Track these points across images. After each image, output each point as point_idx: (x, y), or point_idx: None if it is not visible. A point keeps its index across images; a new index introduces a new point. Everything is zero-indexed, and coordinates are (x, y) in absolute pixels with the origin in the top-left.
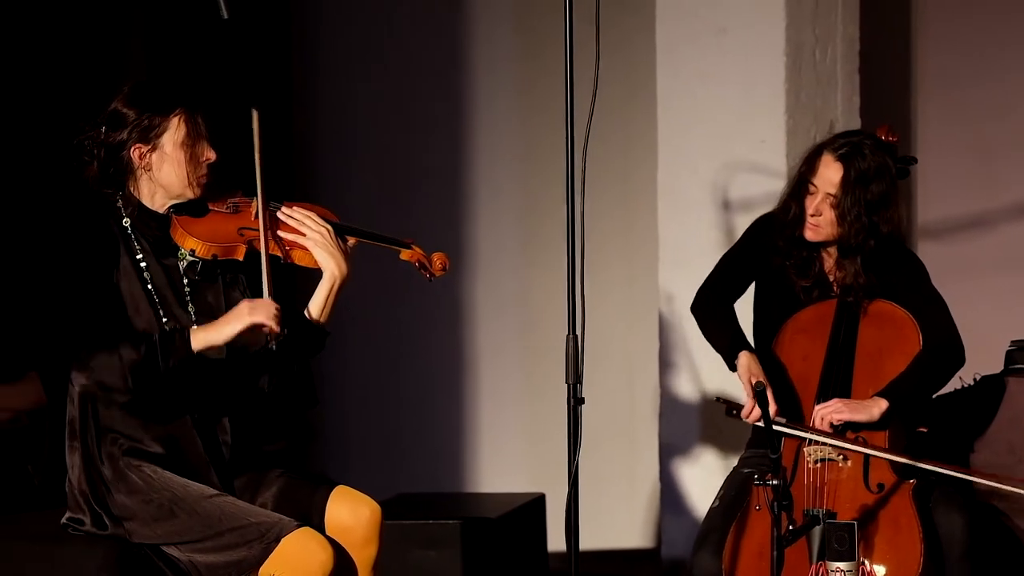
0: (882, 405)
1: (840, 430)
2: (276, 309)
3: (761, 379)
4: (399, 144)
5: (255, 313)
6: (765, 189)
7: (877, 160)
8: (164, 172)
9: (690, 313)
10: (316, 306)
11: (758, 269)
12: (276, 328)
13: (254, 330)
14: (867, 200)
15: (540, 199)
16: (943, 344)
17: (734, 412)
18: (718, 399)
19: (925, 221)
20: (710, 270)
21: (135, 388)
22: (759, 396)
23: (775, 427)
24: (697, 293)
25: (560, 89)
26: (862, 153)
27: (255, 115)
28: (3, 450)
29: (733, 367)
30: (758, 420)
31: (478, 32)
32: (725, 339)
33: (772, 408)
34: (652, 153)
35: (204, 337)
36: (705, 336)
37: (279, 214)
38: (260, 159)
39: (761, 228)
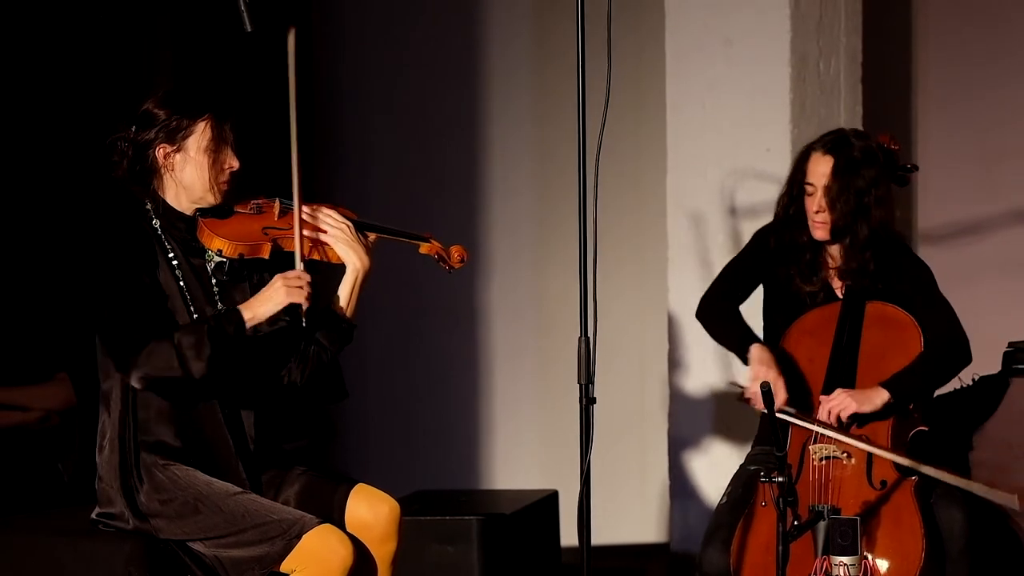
0: (884, 395)
1: (846, 424)
2: (308, 283)
3: (770, 376)
4: (417, 150)
5: (291, 292)
6: (770, 196)
7: (863, 146)
8: (186, 174)
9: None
10: (342, 300)
11: (762, 276)
12: (307, 304)
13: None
14: (858, 186)
15: (553, 204)
16: (948, 342)
17: (744, 398)
18: (731, 383)
19: (926, 227)
20: (717, 274)
21: (200, 370)
22: (765, 396)
23: (780, 416)
24: (701, 300)
25: (573, 96)
26: (848, 142)
27: (291, 34)
28: (34, 448)
29: (746, 361)
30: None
31: (494, 41)
32: (735, 336)
33: (779, 402)
34: (662, 159)
35: (251, 316)
36: (715, 338)
37: (302, 213)
38: (295, 90)
39: (763, 238)
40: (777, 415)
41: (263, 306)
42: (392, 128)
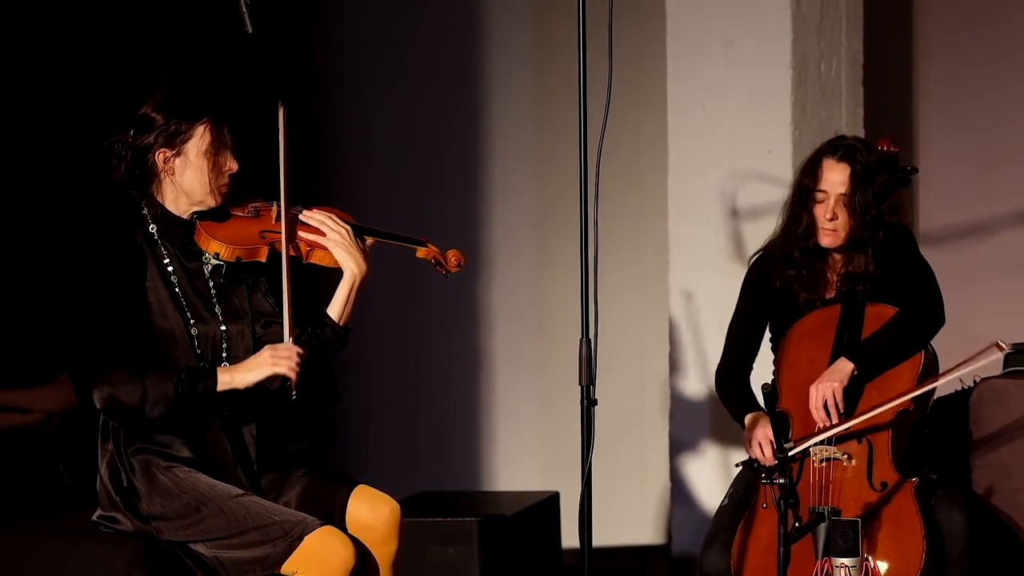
0: (848, 366)
1: (844, 415)
2: (298, 357)
3: (758, 436)
4: (417, 150)
5: (277, 363)
6: (771, 197)
7: (874, 153)
8: (186, 178)
9: (700, 317)
10: (337, 305)
11: (767, 311)
12: (294, 378)
13: (274, 378)
14: (875, 192)
15: (554, 205)
16: (917, 303)
17: (755, 465)
18: (737, 464)
19: (927, 228)
20: (719, 275)
21: (156, 414)
22: (767, 397)
23: (797, 450)
24: (715, 375)
25: (574, 97)
26: (859, 149)
27: (281, 110)
28: (35, 450)
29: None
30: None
31: (494, 41)
32: (735, 409)
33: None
34: (663, 161)
35: (228, 380)
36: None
37: (300, 216)
38: (285, 154)
39: (754, 271)
40: (792, 451)
41: (245, 375)
42: (392, 128)
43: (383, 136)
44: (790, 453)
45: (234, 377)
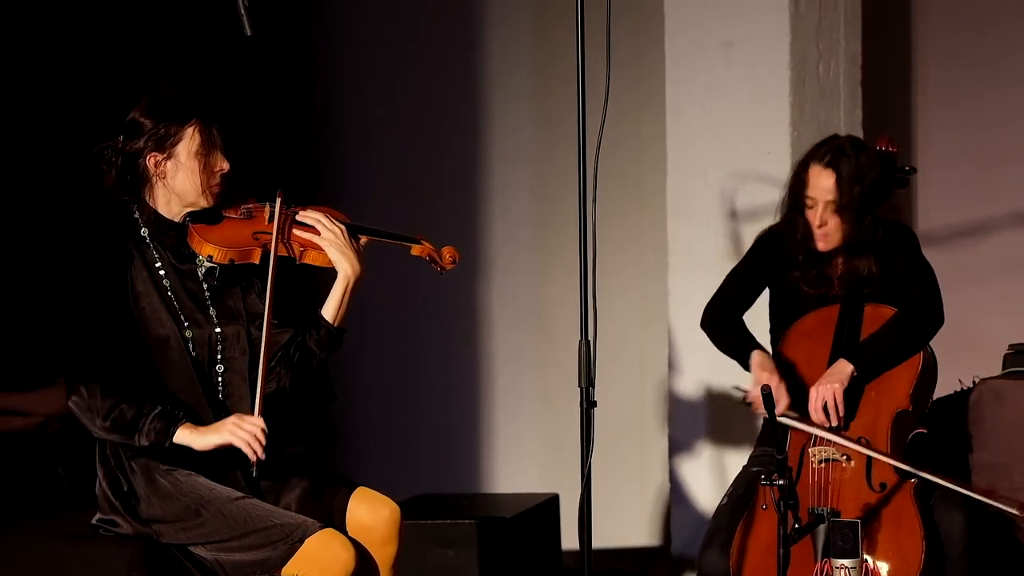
0: (848, 367)
1: (846, 420)
2: (261, 433)
3: (772, 382)
4: (417, 150)
5: (236, 436)
6: (771, 198)
7: (864, 156)
8: (178, 180)
9: (700, 316)
10: (332, 305)
11: (767, 280)
12: (252, 458)
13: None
14: (865, 194)
15: (553, 207)
16: (916, 303)
17: (747, 401)
18: (735, 388)
19: (927, 229)
20: (718, 277)
21: (109, 436)
22: (766, 399)
23: (783, 421)
24: (704, 310)
25: (573, 98)
26: (845, 152)
27: (279, 198)
28: (35, 453)
29: (748, 368)
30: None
31: (494, 44)
32: (737, 345)
33: (781, 407)
34: (662, 162)
35: (186, 437)
36: (719, 348)
37: (295, 216)
38: (274, 254)
39: (766, 242)
40: (780, 420)
41: (207, 437)
42: (392, 128)
43: (383, 136)
44: (785, 421)
45: (195, 437)
